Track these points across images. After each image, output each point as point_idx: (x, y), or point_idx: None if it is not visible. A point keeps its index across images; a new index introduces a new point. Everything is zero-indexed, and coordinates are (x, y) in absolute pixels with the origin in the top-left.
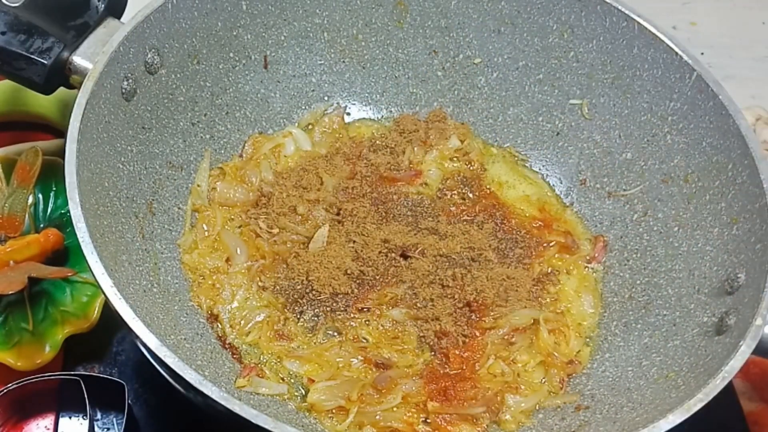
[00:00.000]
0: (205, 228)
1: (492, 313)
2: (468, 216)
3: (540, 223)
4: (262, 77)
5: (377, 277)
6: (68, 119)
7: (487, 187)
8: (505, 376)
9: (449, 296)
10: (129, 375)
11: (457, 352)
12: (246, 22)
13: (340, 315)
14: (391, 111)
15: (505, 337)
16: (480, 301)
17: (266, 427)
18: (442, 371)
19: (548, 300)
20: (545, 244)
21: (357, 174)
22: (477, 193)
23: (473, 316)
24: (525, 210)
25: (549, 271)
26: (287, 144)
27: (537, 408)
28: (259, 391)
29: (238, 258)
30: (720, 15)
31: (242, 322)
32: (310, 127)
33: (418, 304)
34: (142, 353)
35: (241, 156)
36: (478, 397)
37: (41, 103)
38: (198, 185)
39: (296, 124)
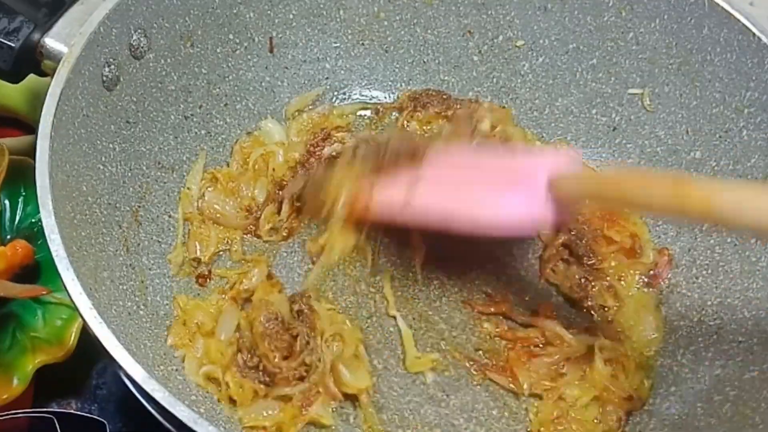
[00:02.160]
0: (198, 248)
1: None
2: None
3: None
4: (267, 63)
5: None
6: (39, 112)
7: None
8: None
9: None
10: (111, 412)
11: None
12: None
13: None
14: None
15: (554, 367)
16: None
17: None
18: None
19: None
20: (607, 241)
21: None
22: None
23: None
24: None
25: (609, 284)
26: (277, 154)
27: None
28: None
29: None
30: None
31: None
32: (297, 114)
33: None
34: (127, 387)
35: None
36: None
37: (7, 93)
38: (188, 188)
39: (284, 110)
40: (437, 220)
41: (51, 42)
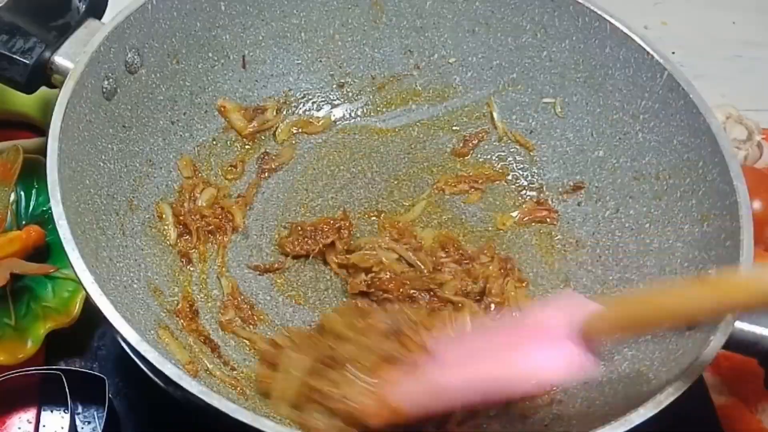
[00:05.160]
0: None
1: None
2: None
3: None
4: (241, 76)
5: None
6: (50, 118)
7: None
8: None
9: None
10: (110, 369)
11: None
12: (224, 23)
13: None
14: (367, 108)
15: None
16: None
17: (245, 421)
18: None
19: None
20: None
21: None
22: None
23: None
24: None
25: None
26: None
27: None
28: None
29: None
30: (691, 14)
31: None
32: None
33: None
34: (123, 348)
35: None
36: None
37: (23, 101)
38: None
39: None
40: (473, 399)
41: (59, 59)
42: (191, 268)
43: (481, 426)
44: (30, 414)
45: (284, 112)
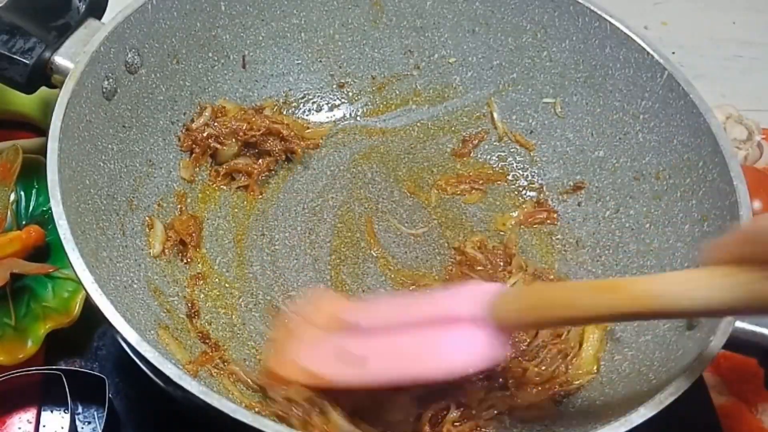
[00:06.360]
0: None
1: None
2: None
3: None
4: (241, 76)
5: None
6: (50, 118)
7: None
8: None
9: None
10: (110, 369)
11: None
12: (225, 23)
13: None
14: (368, 109)
15: None
16: None
17: (245, 421)
18: None
19: None
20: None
21: None
22: None
23: None
24: None
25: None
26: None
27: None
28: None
29: None
30: (691, 15)
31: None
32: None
33: None
34: (123, 348)
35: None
36: None
37: (23, 101)
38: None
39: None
40: (391, 382)
41: (59, 59)
42: (191, 268)
43: (479, 426)
44: (30, 414)
45: (284, 113)
